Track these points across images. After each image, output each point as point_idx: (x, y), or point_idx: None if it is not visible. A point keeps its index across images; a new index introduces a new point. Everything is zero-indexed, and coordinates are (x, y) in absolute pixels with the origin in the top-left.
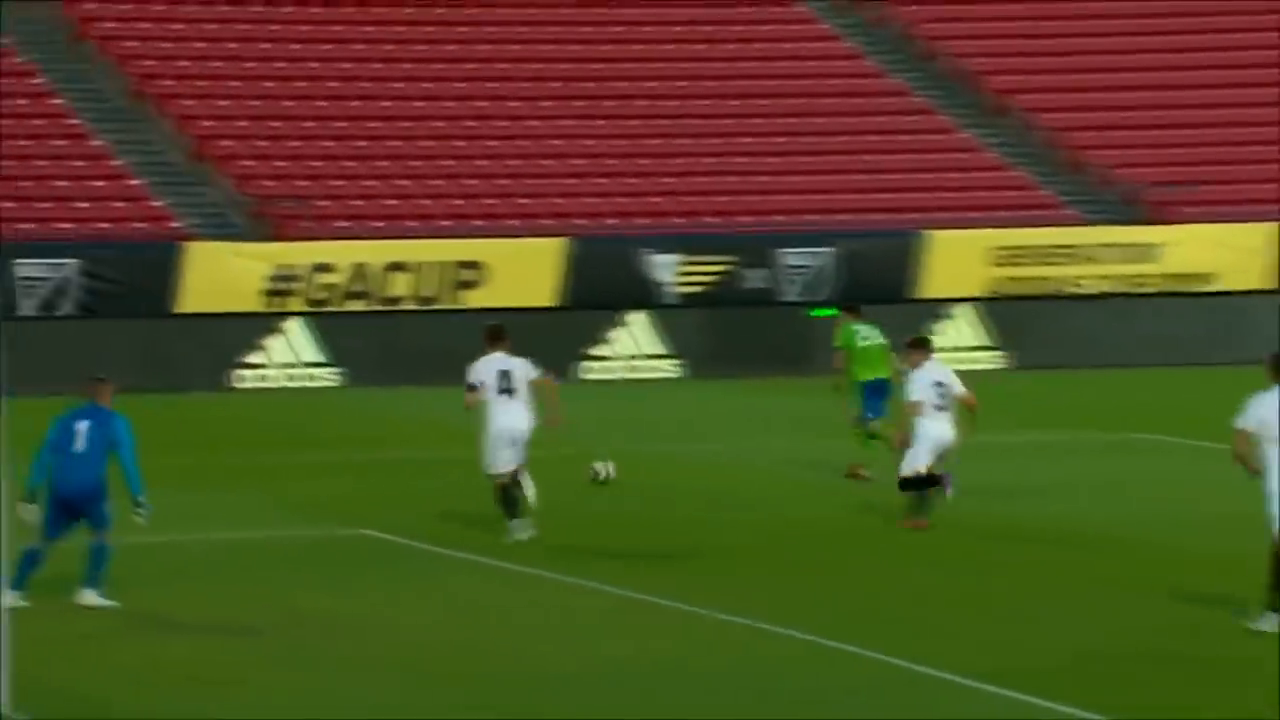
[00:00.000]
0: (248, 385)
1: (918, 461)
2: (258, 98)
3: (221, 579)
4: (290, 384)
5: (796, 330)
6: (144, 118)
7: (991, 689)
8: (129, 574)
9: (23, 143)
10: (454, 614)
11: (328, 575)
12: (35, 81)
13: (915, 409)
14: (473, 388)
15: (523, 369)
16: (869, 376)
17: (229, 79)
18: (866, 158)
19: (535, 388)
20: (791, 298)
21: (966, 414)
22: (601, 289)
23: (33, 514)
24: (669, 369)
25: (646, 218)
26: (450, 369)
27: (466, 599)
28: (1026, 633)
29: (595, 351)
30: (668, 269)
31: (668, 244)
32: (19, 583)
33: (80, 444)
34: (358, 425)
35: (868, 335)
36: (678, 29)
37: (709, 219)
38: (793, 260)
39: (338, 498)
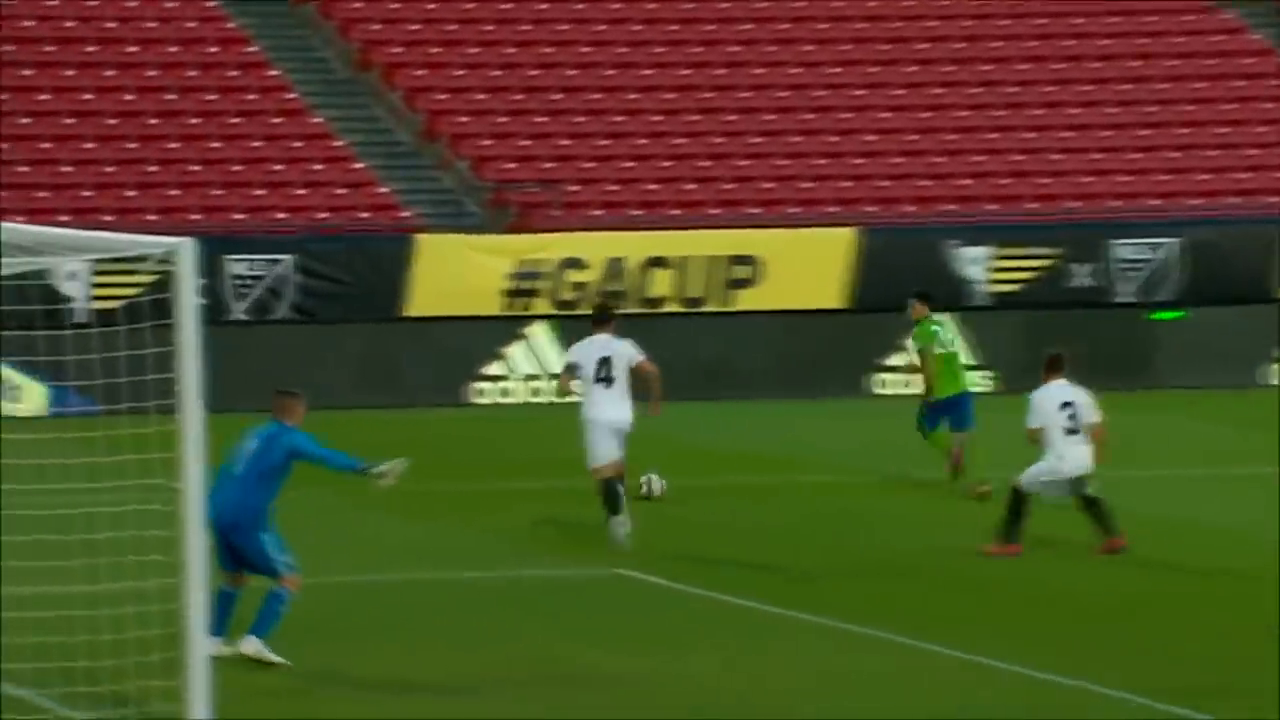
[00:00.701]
0: (485, 400)
1: (1049, 490)
2: (498, 67)
3: (458, 626)
4: (534, 399)
5: (1133, 336)
6: (369, 91)
7: None
8: (346, 618)
9: (233, 120)
10: (727, 667)
11: (583, 622)
12: (248, 50)
13: (1033, 435)
14: (570, 370)
15: (625, 354)
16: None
17: (465, 44)
18: (1219, 130)
19: (638, 373)
20: (1127, 298)
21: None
22: (898, 288)
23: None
24: (978, 382)
25: (952, 203)
26: (724, 382)
27: (737, 648)
28: None
29: (889, 361)
30: (978, 264)
31: (978, 235)
32: (218, 628)
33: (239, 465)
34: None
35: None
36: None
37: (1028, 204)
38: (1128, 253)
39: (586, 530)
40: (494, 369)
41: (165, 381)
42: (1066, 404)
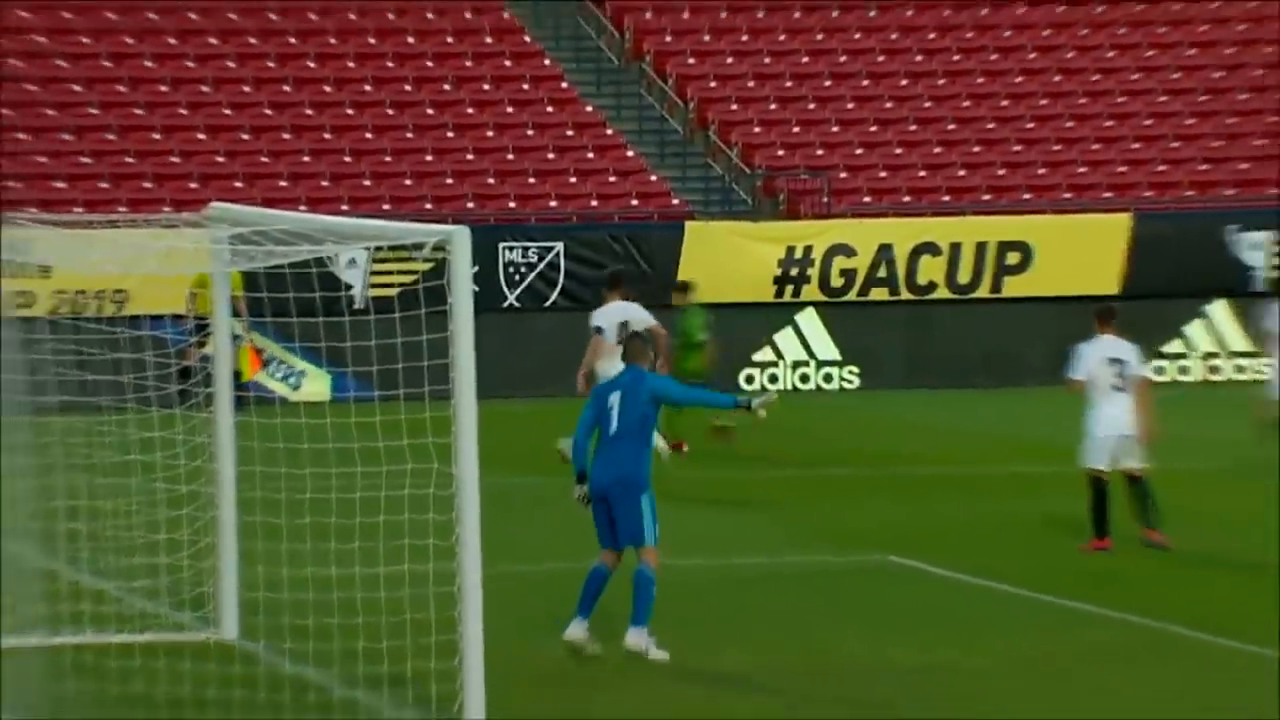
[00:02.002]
0: (755, 386)
1: (1091, 459)
2: (768, 54)
3: (732, 613)
4: (803, 386)
5: None
6: (640, 80)
7: None
8: (620, 603)
9: (508, 109)
10: (1005, 661)
11: (854, 610)
12: (524, 40)
13: (1076, 387)
14: (599, 331)
15: (640, 318)
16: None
17: (734, 33)
18: None
19: (650, 335)
20: None
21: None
22: (1177, 274)
23: (580, 494)
24: (1259, 369)
25: (1233, 187)
26: (992, 371)
27: (1014, 639)
28: None
29: (1168, 349)
30: (1259, 250)
31: (1261, 219)
32: (585, 608)
33: (611, 425)
34: (879, 436)
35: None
36: None
37: None
38: None
39: (856, 519)
40: (762, 356)
41: (440, 368)
42: (1115, 360)
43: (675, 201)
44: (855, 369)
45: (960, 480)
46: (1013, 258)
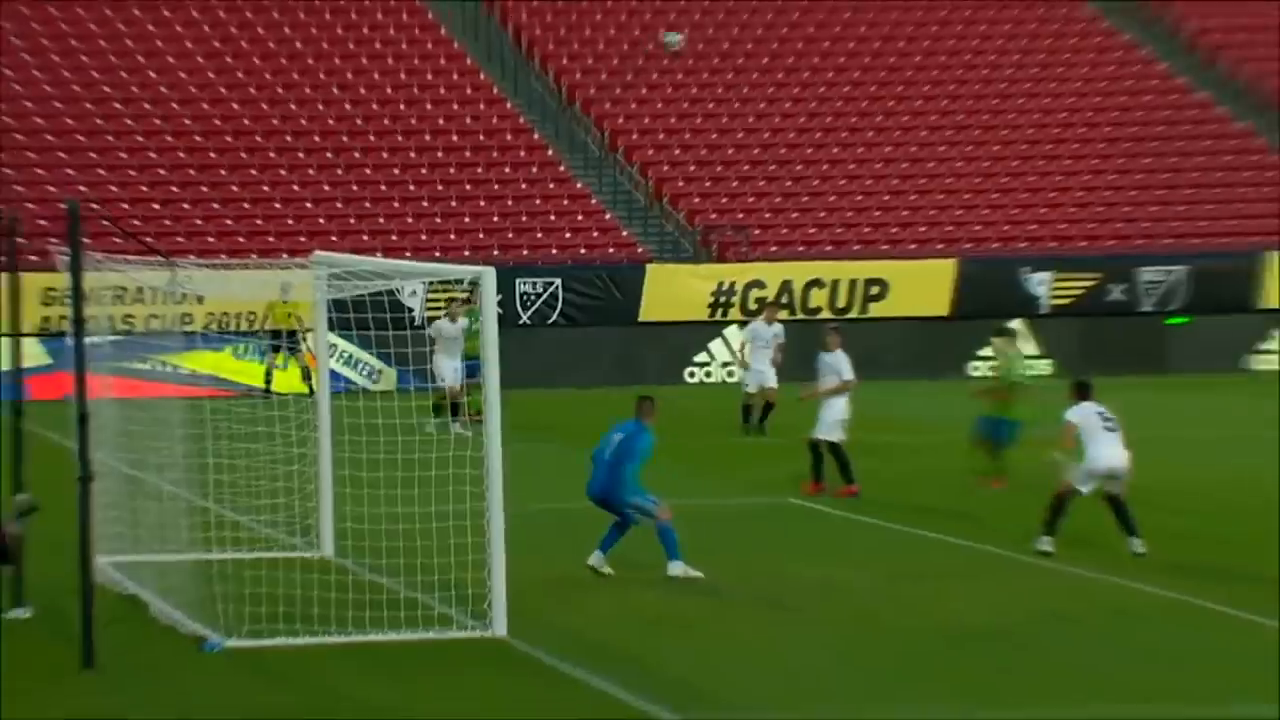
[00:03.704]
0: (695, 381)
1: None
2: (705, 147)
3: (685, 540)
4: (729, 380)
5: (1153, 335)
6: (615, 165)
7: None
8: (598, 534)
9: (523, 186)
10: (865, 570)
11: (766, 539)
12: (533, 137)
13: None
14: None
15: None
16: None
17: (682, 132)
18: (1216, 190)
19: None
20: (1148, 308)
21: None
22: (987, 301)
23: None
24: (1041, 368)
25: (1025, 241)
26: (862, 368)
27: (891, 560)
28: None
29: (982, 354)
30: (1043, 284)
31: (1043, 263)
32: (605, 545)
33: (606, 452)
34: (783, 413)
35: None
36: (1052, 85)
37: (1079, 242)
38: (1150, 276)
39: (762, 470)
40: (700, 358)
41: (473, 367)
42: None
43: (640, 250)
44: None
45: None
46: (875, 289)
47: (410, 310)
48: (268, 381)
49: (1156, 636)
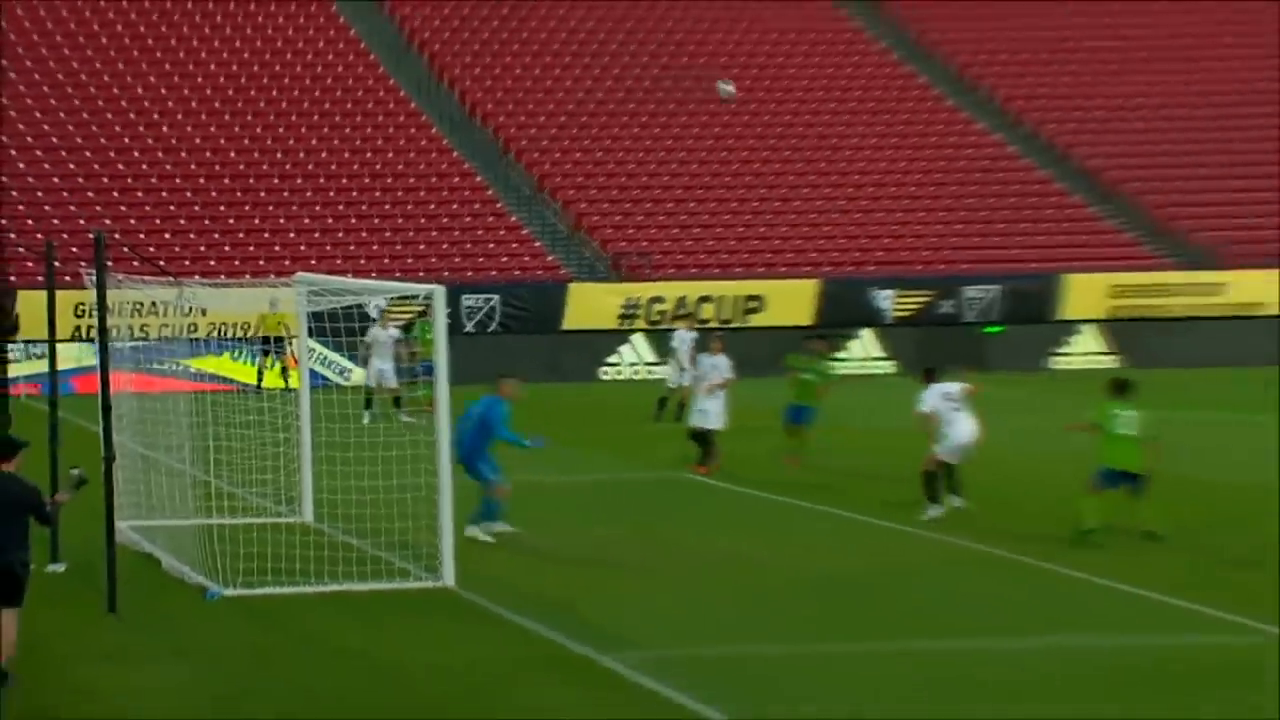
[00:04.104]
0: (608, 378)
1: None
2: (617, 188)
3: (588, 508)
4: (635, 378)
5: (974, 342)
6: (542, 203)
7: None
8: (529, 506)
9: (466, 219)
10: (737, 530)
11: (651, 502)
12: (476, 180)
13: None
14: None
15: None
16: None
17: (598, 175)
18: (1023, 225)
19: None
20: (971, 320)
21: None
22: (843, 313)
23: None
24: (886, 368)
25: (873, 265)
26: (741, 369)
27: (741, 517)
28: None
29: (840, 356)
30: (888, 300)
31: (888, 283)
32: (477, 519)
33: (469, 420)
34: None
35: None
36: (894, 140)
37: (916, 266)
38: (972, 294)
39: (669, 453)
40: (612, 360)
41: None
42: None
43: (562, 271)
44: (665, 367)
45: (729, 431)
46: (753, 304)
47: (374, 320)
48: (259, 379)
49: (977, 583)
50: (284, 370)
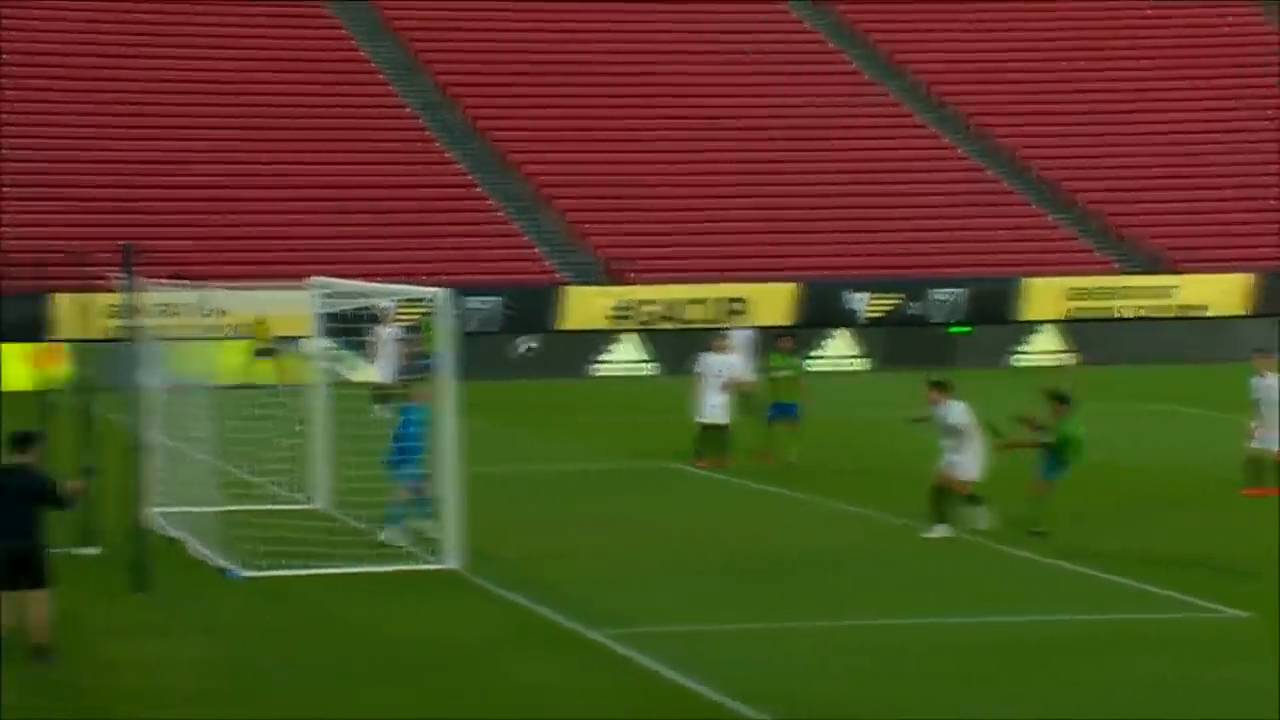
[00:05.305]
0: (601, 374)
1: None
2: (613, 197)
3: (572, 495)
4: (627, 374)
5: (942, 341)
6: (543, 213)
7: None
8: (503, 501)
9: (473, 227)
10: (703, 512)
11: (641, 491)
12: (480, 191)
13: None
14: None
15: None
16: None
17: (595, 185)
18: (987, 232)
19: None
20: (938, 320)
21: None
22: (820, 314)
23: None
24: (861, 365)
25: (849, 270)
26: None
27: (711, 501)
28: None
29: (816, 354)
30: (861, 302)
31: (861, 285)
32: (396, 520)
33: (401, 433)
34: (667, 400)
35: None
36: (865, 153)
37: (888, 270)
38: (940, 296)
39: (655, 443)
40: (605, 357)
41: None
42: (719, 370)
43: (559, 276)
44: (657, 364)
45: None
46: (737, 305)
47: (379, 321)
48: (274, 377)
49: (939, 566)
50: (279, 368)
